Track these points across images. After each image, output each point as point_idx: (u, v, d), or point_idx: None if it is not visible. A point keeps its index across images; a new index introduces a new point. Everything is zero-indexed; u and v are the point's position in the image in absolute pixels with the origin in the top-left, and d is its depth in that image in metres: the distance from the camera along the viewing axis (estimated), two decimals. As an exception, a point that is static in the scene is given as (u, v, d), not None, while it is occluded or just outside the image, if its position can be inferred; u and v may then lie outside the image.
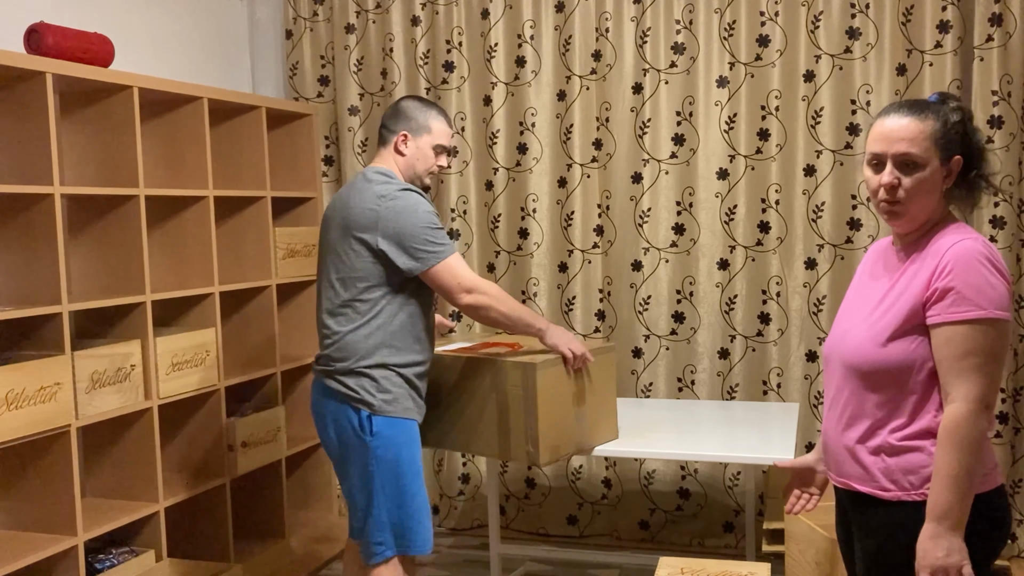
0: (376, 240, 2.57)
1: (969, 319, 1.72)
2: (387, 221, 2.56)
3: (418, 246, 2.56)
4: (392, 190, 2.60)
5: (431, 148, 2.75)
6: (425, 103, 2.78)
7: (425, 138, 2.73)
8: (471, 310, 2.63)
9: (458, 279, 2.58)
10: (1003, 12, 3.45)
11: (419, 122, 2.73)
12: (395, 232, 2.56)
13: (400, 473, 2.60)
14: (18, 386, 2.73)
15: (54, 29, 3.01)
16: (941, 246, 1.79)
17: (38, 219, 2.92)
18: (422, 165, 2.75)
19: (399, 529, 2.62)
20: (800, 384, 3.81)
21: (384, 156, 2.76)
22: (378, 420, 2.58)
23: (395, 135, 2.73)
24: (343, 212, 2.66)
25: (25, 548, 2.86)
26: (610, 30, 3.90)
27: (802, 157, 3.75)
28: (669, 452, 2.93)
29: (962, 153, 1.81)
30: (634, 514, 4.05)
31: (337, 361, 2.63)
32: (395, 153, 2.73)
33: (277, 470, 4.01)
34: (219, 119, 3.92)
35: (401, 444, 2.61)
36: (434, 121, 2.75)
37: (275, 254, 3.96)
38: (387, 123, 2.76)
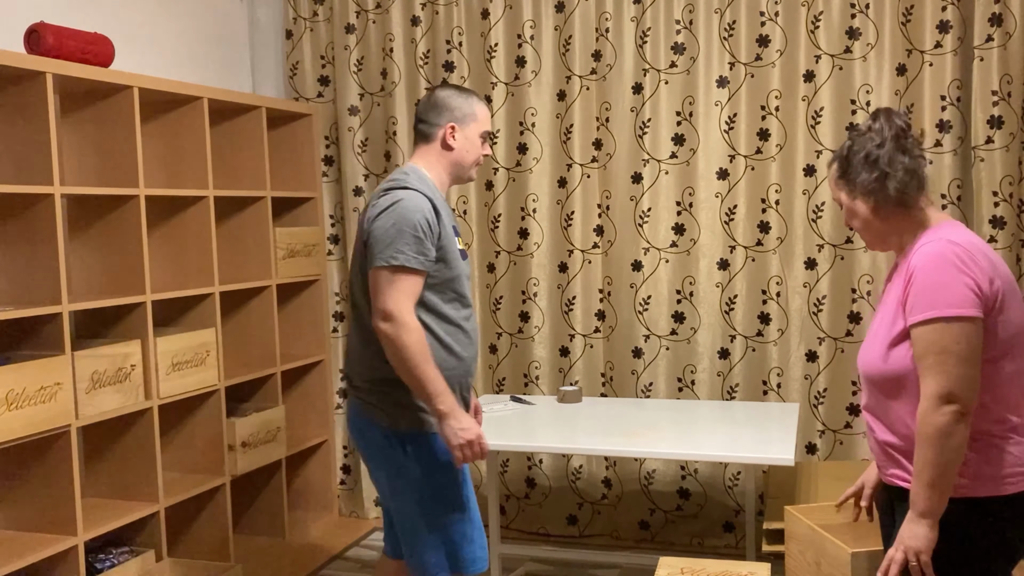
0: (366, 236, 2.40)
1: (923, 320, 1.81)
2: (373, 212, 2.38)
3: (376, 242, 2.33)
4: (390, 187, 2.42)
5: (478, 136, 2.56)
6: (463, 90, 2.59)
7: (472, 126, 2.54)
8: (380, 338, 2.33)
9: (386, 298, 2.30)
10: (1003, 12, 3.45)
11: (463, 111, 2.53)
12: (374, 224, 2.36)
13: (444, 487, 2.45)
14: (18, 386, 2.73)
15: (54, 29, 3.01)
16: (912, 251, 1.90)
17: (38, 219, 2.92)
18: (471, 156, 2.56)
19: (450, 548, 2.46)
20: (800, 384, 3.82)
21: (423, 153, 2.56)
22: (412, 436, 2.43)
23: (440, 128, 2.53)
24: (360, 221, 2.50)
25: (25, 548, 2.86)
26: (610, 30, 3.90)
27: (802, 157, 3.75)
28: (669, 452, 2.92)
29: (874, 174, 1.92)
30: (634, 514, 4.05)
31: (365, 378, 2.48)
32: (442, 148, 2.53)
33: (277, 470, 4.01)
34: (219, 119, 3.92)
35: (443, 459, 2.43)
36: (478, 107, 2.56)
37: (275, 254, 3.96)
38: (427, 117, 2.56)
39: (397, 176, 2.47)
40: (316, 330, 4.31)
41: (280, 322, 4.27)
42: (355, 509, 4.48)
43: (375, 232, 2.34)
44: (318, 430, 4.34)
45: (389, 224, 2.32)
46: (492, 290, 4.16)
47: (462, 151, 2.54)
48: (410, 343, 2.30)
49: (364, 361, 2.48)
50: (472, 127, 2.54)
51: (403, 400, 2.42)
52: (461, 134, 2.53)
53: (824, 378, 3.79)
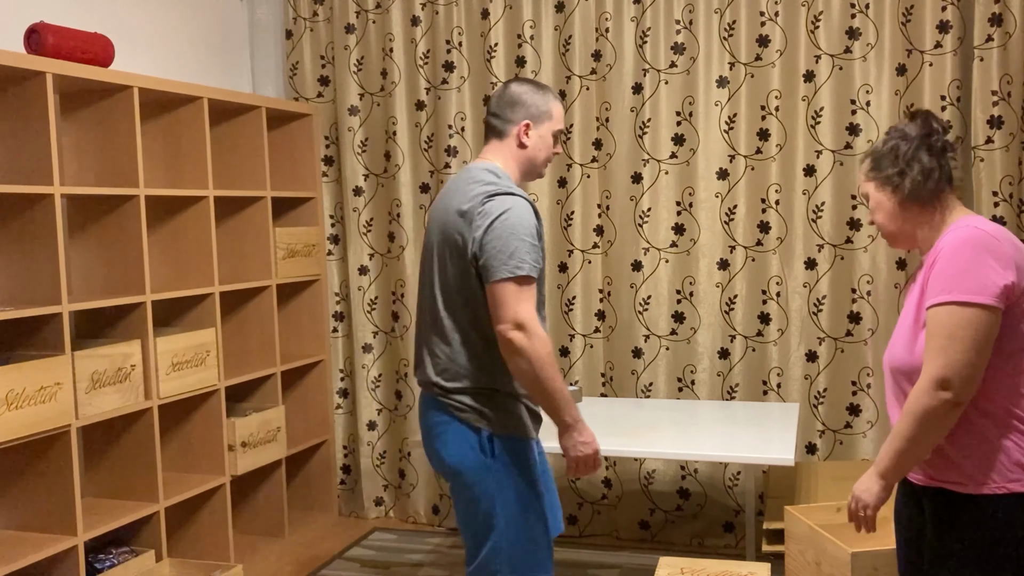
0: (470, 246, 2.31)
1: (937, 302, 1.82)
2: (479, 224, 2.30)
3: (495, 253, 2.27)
4: (494, 191, 2.34)
5: (551, 135, 2.48)
6: (539, 86, 2.49)
7: (546, 125, 2.46)
8: (508, 348, 2.27)
9: (516, 308, 2.24)
10: (1003, 12, 3.45)
11: (539, 108, 2.45)
12: (484, 238, 2.28)
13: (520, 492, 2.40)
14: (18, 386, 2.73)
15: (54, 29, 3.01)
16: (940, 244, 1.90)
17: (38, 219, 2.92)
18: (543, 155, 2.48)
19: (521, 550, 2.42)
20: (800, 384, 3.82)
21: (497, 149, 2.47)
22: (499, 441, 2.37)
23: (515, 125, 2.44)
24: (443, 219, 2.42)
25: (25, 548, 2.86)
26: (610, 30, 3.90)
27: (802, 157, 3.75)
28: (669, 452, 2.92)
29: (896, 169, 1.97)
30: (634, 514, 4.05)
31: (450, 381, 2.40)
32: (516, 146, 2.45)
33: (277, 470, 4.01)
34: (219, 119, 3.92)
35: (523, 466, 2.40)
36: (554, 105, 2.47)
37: (275, 254, 3.96)
38: (501, 113, 2.46)
39: (488, 178, 2.39)
40: (316, 330, 4.31)
41: (280, 322, 4.27)
42: (355, 509, 4.48)
43: (493, 242, 2.27)
44: (318, 430, 4.34)
45: (507, 234, 2.27)
46: (492, 290, 4.15)
47: (535, 149, 2.46)
48: (543, 353, 2.27)
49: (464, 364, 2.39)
50: (546, 125, 2.47)
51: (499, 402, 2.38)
52: (535, 132, 2.45)
53: (824, 378, 3.79)
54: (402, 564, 3.86)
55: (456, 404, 2.40)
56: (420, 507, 4.35)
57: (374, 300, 4.34)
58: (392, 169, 4.24)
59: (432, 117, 4.17)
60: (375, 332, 4.35)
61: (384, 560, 3.92)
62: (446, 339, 2.40)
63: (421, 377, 2.50)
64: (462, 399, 2.39)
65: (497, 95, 2.48)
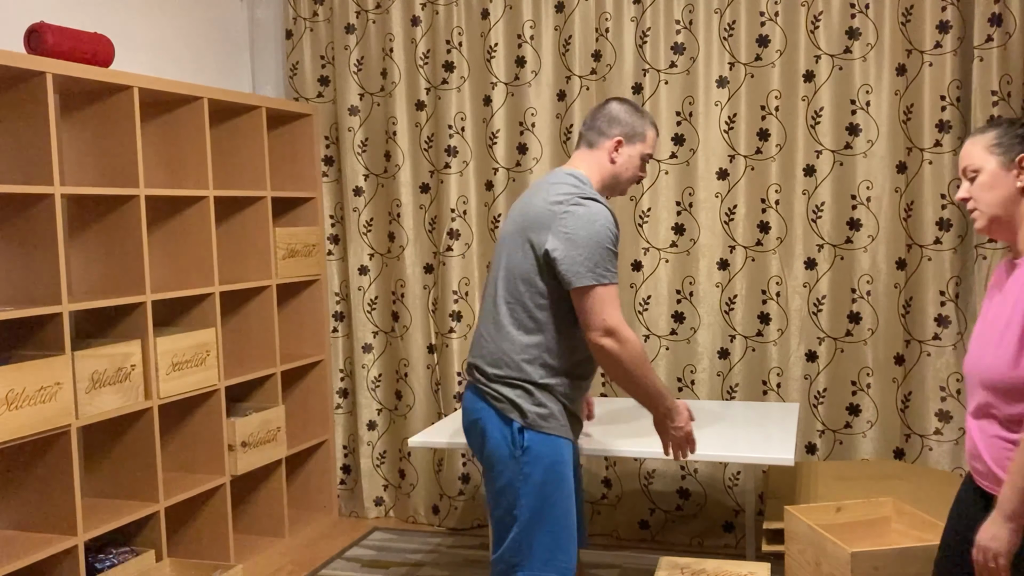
0: (545, 243, 2.40)
1: None
2: (562, 224, 2.38)
3: (582, 259, 2.36)
4: (578, 195, 2.43)
5: (640, 157, 2.59)
6: (638, 109, 2.61)
7: (638, 146, 2.58)
8: (601, 354, 2.39)
9: (604, 314, 2.36)
10: (1003, 12, 3.45)
11: (635, 128, 2.57)
12: (565, 245, 2.37)
13: (547, 491, 2.45)
14: (18, 386, 2.73)
15: (54, 29, 3.01)
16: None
17: (38, 219, 2.92)
18: (629, 174, 2.59)
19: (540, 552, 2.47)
20: (800, 384, 3.82)
21: (585, 158, 2.57)
22: (529, 435, 2.43)
23: (608, 140, 2.55)
24: (522, 212, 2.51)
25: (25, 548, 2.86)
26: (610, 30, 3.90)
27: (802, 157, 3.75)
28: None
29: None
30: (634, 514, 4.05)
31: (491, 367, 2.49)
32: (605, 159, 2.56)
33: (277, 470, 4.01)
34: (219, 119, 3.92)
35: (550, 463, 2.44)
36: (649, 129, 2.59)
37: (275, 254, 3.96)
38: (597, 125, 2.58)
39: (573, 183, 2.47)
40: (316, 330, 4.31)
41: (280, 322, 4.27)
42: (355, 509, 4.48)
43: (577, 248, 2.36)
44: (318, 430, 4.34)
45: (593, 241, 2.37)
46: (492, 290, 4.15)
47: (622, 167, 2.57)
48: (636, 354, 2.39)
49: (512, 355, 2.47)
50: (638, 146, 2.57)
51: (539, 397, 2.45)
52: (626, 150, 2.56)
53: (824, 378, 3.80)
54: (402, 564, 3.86)
55: (493, 393, 2.48)
56: (420, 507, 4.35)
57: (374, 300, 4.34)
58: (392, 169, 4.24)
59: (432, 117, 4.17)
60: (375, 332, 4.36)
61: (384, 560, 3.92)
62: (499, 326, 2.50)
63: (469, 360, 2.59)
64: (500, 388, 2.47)
65: (595, 109, 2.61)
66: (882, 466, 3.58)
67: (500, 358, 2.48)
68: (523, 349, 2.45)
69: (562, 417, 2.49)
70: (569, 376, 2.50)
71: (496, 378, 2.48)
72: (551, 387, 2.46)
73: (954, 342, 3.63)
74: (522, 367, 2.45)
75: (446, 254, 4.17)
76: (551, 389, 2.46)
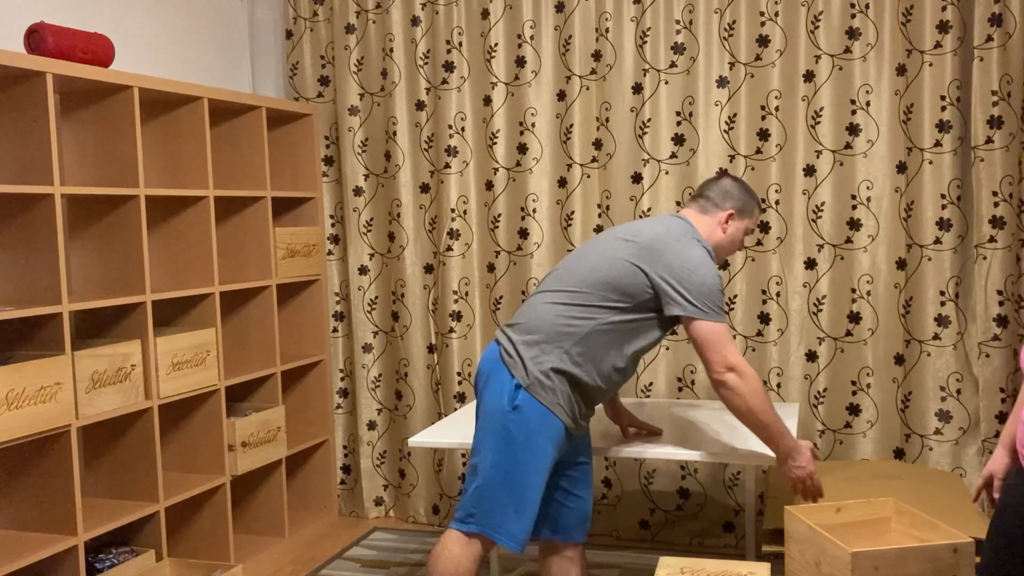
0: (653, 269, 2.57)
1: None
2: (676, 258, 2.57)
3: (700, 296, 2.54)
4: (696, 238, 2.64)
5: (744, 231, 2.81)
6: (748, 188, 2.83)
7: (745, 221, 2.80)
8: (724, 390, 2.55)
9: (725, 351, 2.53)
10: (1003, 12, 3.45)
11: (746, 205, 2.79)
12: (681, 273, 2.55)
13: (522, 457, 2.57)
14: (18, 386, 2.73)
15: (54, 29, 3.01)
16: None
17: (38, 219, 2.92)
18: (732, 246, 2.81)
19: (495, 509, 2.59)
20: (800, 384, 3.82)
21: (696, 217, 2.77)
22: (523, 396, 2.56)
23: (721, 211, 2.76)
24: (635, 229, 2.68)
25: (25, 548, 2.86)
26: (610, 30, 3.90)
27: (802, 157, 3.75)
28: (669, 452, 2.92)
29: None
30: (634, 514, 4.05)
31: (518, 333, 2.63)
32: (716, 227, 2.76)
33: (277, 470, 4.01)
34: (219, 119, 3.92)
35: (533, 430, 2.57)
36: (756, 208, 2.83)
37: (275, 254, 3.96)
38: (711, 196, 2.79)
39: (691, 229, 2.68)
40: (316, 330, 4.31)
41: (280, 322, 4.27)
42: (355, 509, 4.48)
43: (695, 284, 2.54)
44: (318, 430, 4.34)
45: (711, 279, 2.57)
46: (492, 290, 4.16)
47: (729, 238, 2.78)
48: (758, 389, 2.54)
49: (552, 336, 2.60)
50: (745, 222, 2.80)
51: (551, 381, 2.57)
52: (735, 224, 2.77)
53: (824, 378, 3.79)
54: (402, 564, 3.86)
55: (510, 350, 2.62)
56: (420, 507, 4.35)
57: (374, 300, 4.34)
58: (392, 169, 4.24)
59: (432, 117, 4.17)
60: (375, 332, 4.36)
61: (384, 560, 3.92)
62: (551, 309, 2.63)
63: (504, 325, 2.74)
64: (519, 347, 2.61)
65: (713, 181, 2.84)
66: (882, 466, 3.58)
67: (537, 328, 2.61)
68: (561, 337, 2.58)
69: (563, 399, 2.59)
70: (580, 384, 2.61)
71: (521, 342, 2.61)
72: (565, 375, 2.59)
73: (954, 342, 3.63)
74: (549, 349, 2.58)
75: (446, 254, 4.17)
76: (564, 375, 2.58)
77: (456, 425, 3.30)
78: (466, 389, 4.21)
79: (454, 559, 2.59)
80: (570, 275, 2.68)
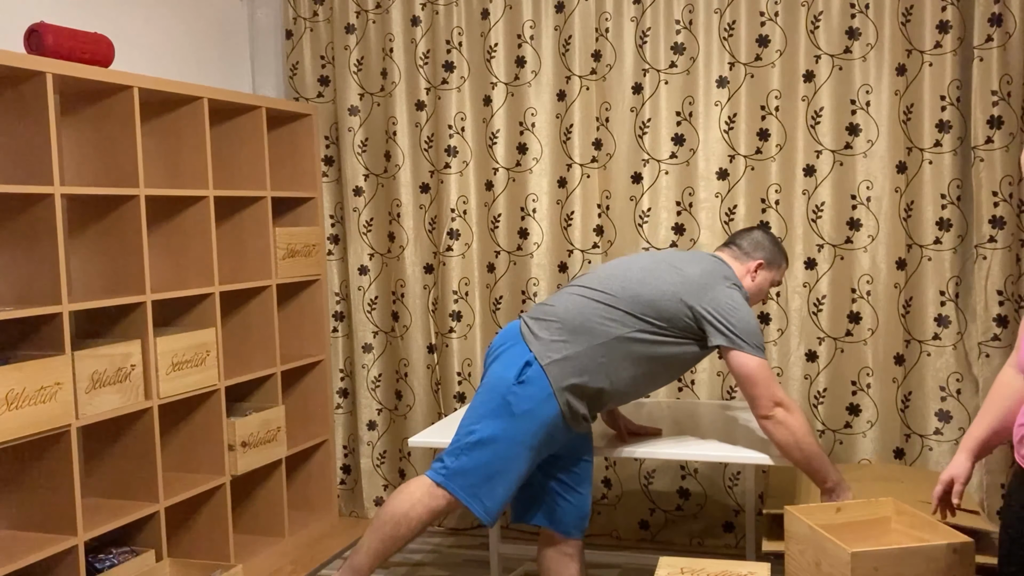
0: (699, 302, 2.66)
1: None
2: (721, 296, 2.66)
3: (746, 332, 2.63)
4: (737, 284, 2.75)
5: (771, 282, 2.93)
6: (777, 242, 2.98)
7: (773, 273, 2.92)
8: (772, 423, 2.64)
9: (772, 388, 2.62)
10: (1003, 12, 3.45)
11: (775, 258, 2.92)
12: (727, 309, 2.65)
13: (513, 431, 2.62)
14: (18, 386, 2.73)
15: (54, 29, 3.01)
16: None
17: (38, 219, 2.92)
18: (758, 296, 2.93)
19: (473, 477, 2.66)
20: (800, 384, 3.82)
21: (735, 265, 2.87)
22: (533, 372, 2.62)
23: (753, 261, 2.89)
24: (682, 259, 2.80)
25: (25, 548, 2.86)
26: (610, 30, 3.90)
27: (802, 157, 3.75)
28: (669, 452, 2.93)
29: None
30: (634, 514, 4.05)
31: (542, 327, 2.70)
32: (745, 274, 2.87)
33: (277, 470, 4.01)
34: (219, 119, 3.92)
35: (537, 409, 2.63)
36: (784, 262, 2.96)
37: (275, 254, 3.96)
38: (743, 245, 2.92)
39: (731, 271, 2.80)
40: (316, 330, 4.31)
41: (280, 322, 4.27)
42: (355, 509, 4.48)
43: (740, 322, 2.65)
44: (318, 430, 4.34)
45: (752, 319, 2.68)
46: (492, 290, 4.16)
47: (756, 287, 2.90)
48: (803, 424, 2.63)
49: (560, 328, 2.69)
50: (773, 273, 2.93)
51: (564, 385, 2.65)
52: (763, 274, 2.90)
53: (824, 378, 3.79)
54: (402, 564, 3.86)
55: (530, 327, 2.70)
56: (420, 507, 4.35)
57: (374, 300, 4.34)
58: (392, 169, 4.24)
59: (432, 117, 4.17)
60: (375, 332, 4.36)
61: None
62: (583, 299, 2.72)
63: (527, 314, 2.82)
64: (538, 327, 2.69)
65: (746, 231, 2.99)
66: (883, 469, 3.58)
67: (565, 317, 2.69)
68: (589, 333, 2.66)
69: (569, 389, 2.65)
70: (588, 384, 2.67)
71: (546, 326, 2.69)
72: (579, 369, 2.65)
73: (954, 342, 3.63)
74: (573, 340, 2.66)
75: (446, 254, 4.17)
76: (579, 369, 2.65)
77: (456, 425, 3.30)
78: (466, 389, 4.21)
79: (411, 498, 2.65)
80: (612, 281, 2.75)
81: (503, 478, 2.62)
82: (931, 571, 2.21)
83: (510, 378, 2.64)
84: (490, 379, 2.71)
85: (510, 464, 2.62)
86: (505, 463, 2.62)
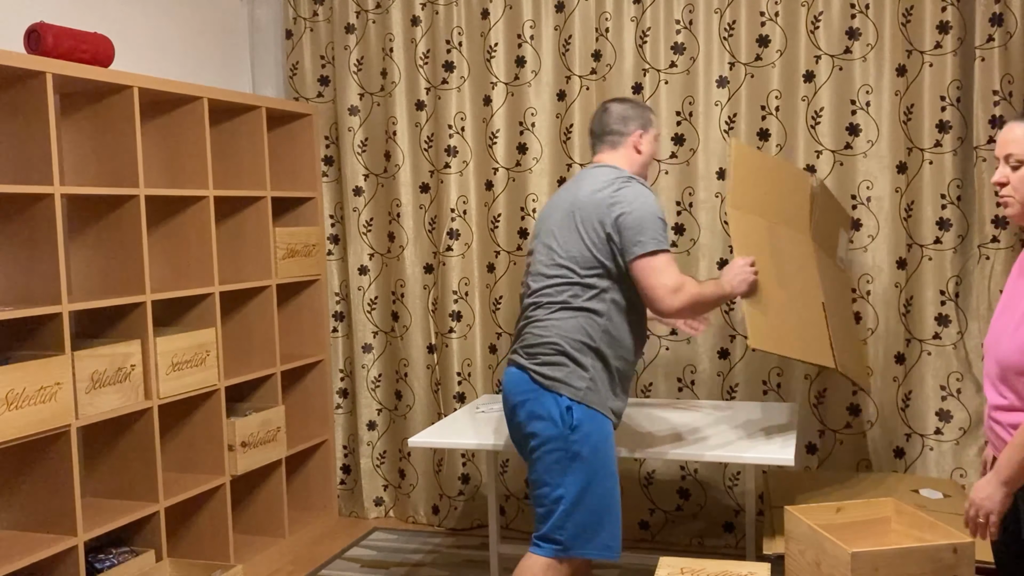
0: (606, 224, 2.61)
1: None
2: (620, 206, 2.61)
3: (641, 231, 2.59)
4: (622, 178, 2.69)
5: (655, 139, 2.87)
6: (634, 100, 2.89)
7: (652, 131, 2.85)
8: (673, 311, 2.61)
9: (670, 276, 2.58)
10: (1003, 12, 3.45)
11: (645, 118, 2.84)
12: (625, 217, 2.60)
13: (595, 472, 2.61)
14: (18, 386, 2.73)
15: (54, 29, 3.01)
16: None
17: (38, 219, 2.92)
18: (654, 156, 2.87)
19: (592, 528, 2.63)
20: (800, 384, 3.81)
21: (612, 157, 2.80)
22: (579, 410, 2.60)
23: (629, 136, 2.80)
24: (570, 200, 2.72)
25: (25, 548, 2.86)
26: (610, 30, 3.90)
27: (802, 157, 3.75)
28: (669, 452, 2.93)
29: None
30: (634, 514, 4.05)
31: (536, 346, 2.67)
32: (633, 152, 2.80)
33: (277, 470, 4.01)
34: (219, 119, 3.92)
35: (598, 439, 2.62)
36: (652, 115, 2.87)
37: (275, 254, 3.96)
38: (612, 127, 2.81)
39: (614, 173, 2.72)
40: (316, 330, 4.31)
41: (280, 322, 4.27)
42: (355, 509, 4.48)
43: (631, 223, 2.60)
44: (318, 430, 4.34)
45: (646, 213, 2.61)
46: (492, 290, 4.16)
47: (648, 154, 2.83)
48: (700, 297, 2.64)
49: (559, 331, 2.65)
50: (652, 132, 2.85)
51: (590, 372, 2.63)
52: (647, 137, 2.83)
53: (824, 378, 3.79)
54: (402, 564, 3.86)
55: (539, 372, 2.65)
56: (420, 507, 4.35)
57: (374, 300, 4.34)
58: (392, 169, 4.24)
59: (432, 117, 4.17)
60: (375, 332, 4.36)
61: (384, 560, 3.92)
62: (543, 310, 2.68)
63: (512, 348, 2.78)
64: (544, 369, 2.64)
65: (601, 114, 2.86)
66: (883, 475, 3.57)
67: (544, 339, 2.66)
68: (572, 329, 2.63)
69: (607, 393, 2.66)
70: (604, 358, 2.66)
71: (541, 360, 2.65)
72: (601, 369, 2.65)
73: (954, 342, 3.63)
74: (563, 345, 2.62)
75: (446, 254, 4.17)
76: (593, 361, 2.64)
77: (456, 425, 3.30)
78: (466, 389, 4.21)
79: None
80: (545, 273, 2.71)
81: (610, 513, 2.64)
82: (931, 571, 2.21)
83: (564, 431, 2.60)
84: (542, 440, 2.63)
85: (608, 498, 2.64)
86: (604, 500, 2.63)
